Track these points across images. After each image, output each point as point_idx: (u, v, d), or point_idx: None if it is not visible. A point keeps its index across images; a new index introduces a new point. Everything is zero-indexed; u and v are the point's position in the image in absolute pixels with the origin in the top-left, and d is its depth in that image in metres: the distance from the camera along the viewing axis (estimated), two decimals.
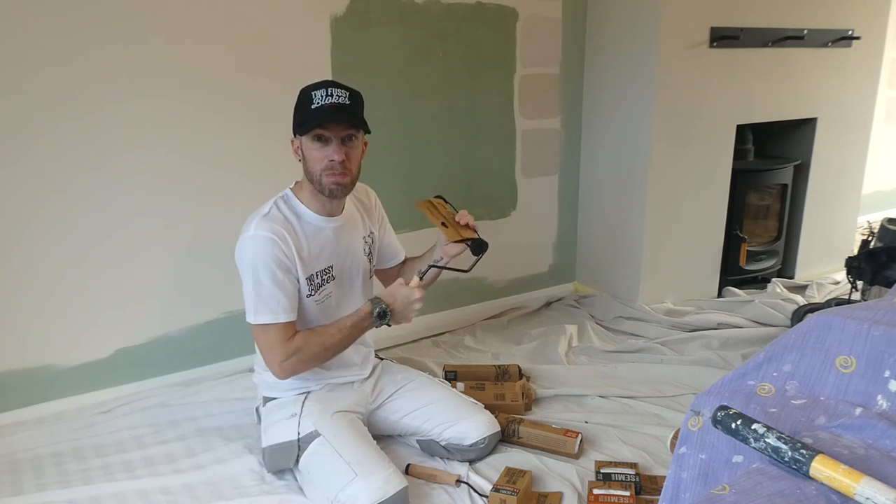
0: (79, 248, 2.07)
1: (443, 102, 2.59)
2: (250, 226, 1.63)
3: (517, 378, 2.20)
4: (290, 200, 1.70)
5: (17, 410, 2.06)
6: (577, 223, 3.10)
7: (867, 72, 3.21)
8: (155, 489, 1.73)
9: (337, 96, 1.60)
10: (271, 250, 1.60)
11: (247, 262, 1.62)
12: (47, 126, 1.96)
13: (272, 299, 1.61)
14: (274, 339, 1.63)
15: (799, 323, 1.09)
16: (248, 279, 1.63)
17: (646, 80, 2.65)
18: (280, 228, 1.62)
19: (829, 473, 0.79)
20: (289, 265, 1.63)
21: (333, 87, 1.61)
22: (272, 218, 1.64)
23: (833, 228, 3.37)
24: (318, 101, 1.59)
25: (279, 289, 1.61)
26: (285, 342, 1.63)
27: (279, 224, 1.63)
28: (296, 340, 1.64)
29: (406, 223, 2.61)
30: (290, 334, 1.64)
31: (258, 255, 1.60)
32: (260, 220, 1.62)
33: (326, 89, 1.60)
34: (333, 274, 1.75)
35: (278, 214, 1.65)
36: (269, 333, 1.63)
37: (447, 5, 2.50)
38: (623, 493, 1.63)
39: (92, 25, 1.95)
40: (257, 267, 1.60)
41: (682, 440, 0.99)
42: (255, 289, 1.61)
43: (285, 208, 1.68)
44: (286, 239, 1.62)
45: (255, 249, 1.60)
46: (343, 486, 1.56)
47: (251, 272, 1.61)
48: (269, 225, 1.62)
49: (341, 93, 1.61)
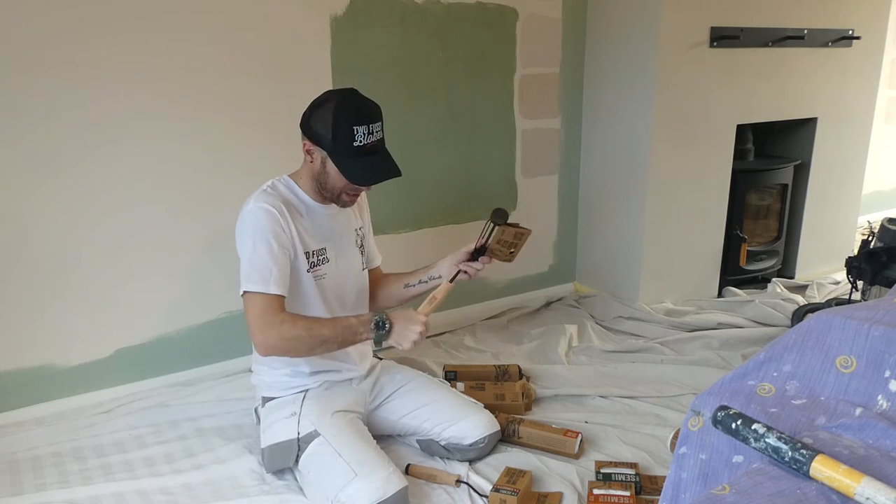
0: (79, 247, 2.07)
1: (443, 102, 2.59)
2: (251, 200, 1.66)
3: (517, 378, 2.20)
4: (288, 182, 1.73)
5: (17, 410, 2.06)
6: (577, 223, 3.10)
7: (867, 72, 3.21)
8: (155, 489, 1.73)
9: (376, 132, 1.64)
10: (270, 222, 1.62)
11: (247, 232, 1.64)
12: (47, 126, 1.96)
13: (265, 269, 1.61)
14: (261, 309, 1.60)
15: (799, 323, 1.09)
16: (245, 249, 1.63)
17: (646, 80, 2.65)
18: (279, 203, 1.65)
19: (830, 473, 0.79)
20: (285, 239, 1.65)
21: (373, 121, 1.63)
22: (272, 193, 1.67)
23: (833, 228, 3.36)
24: (361, 139, 1.61)
25: (273, 261, 1.62)
26: (272, 314, 1.60)
27: (279, 199, 1.66)
28: (283, 315, 1.61)
29: (406, 223, 2.62)
30: (277, 307, 1.61)
31: (258, 225, 1.62)
32: (259, 194, 1.66)
33: (368, 126, 1.61)
34: (328, 256, 1.76)
35: (277, 192, 1.69)
36: (258, 303, 1.60)
37: (447, 5, 2.50)
38: (623, 493, 1.63)
39: (92, 25, 1.95)
40: (256, 236, 1.62)
41: (682, 440, 0.99)
42: (251, 258, 1.62)
43: (283, 188, 1.71)
44: (284, 213, 1.65)
45: (256, 220, 1.63)
46: (343, 486, 1.56)
47: (250, 242, 1.62)
48: (268, 199, 1.65)
49: (378, 128, 1.65)
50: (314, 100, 1.67)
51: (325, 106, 1.63)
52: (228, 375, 2.29)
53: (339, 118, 1.61)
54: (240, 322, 2.31)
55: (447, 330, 2.70)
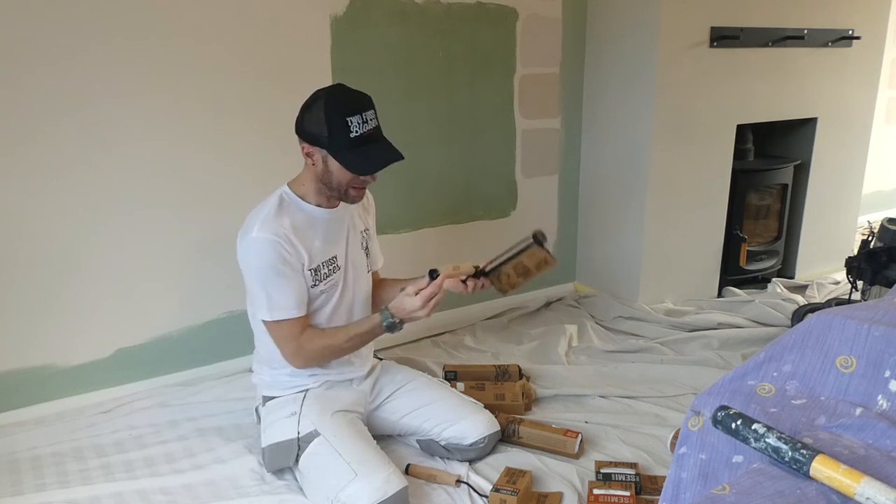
0: (79, 247, 2.07)
1: (443, 102, 2.59)
2: (252, 227, 1.63)
3: (517, 378, 2.19)
4: (291, 197, 1.70)
5: (17, 410, 2.06)
6: (577, 223, 3.10)
7: (867, 72, 3.21)
8: (155, 489, 1.73)
9: (370, 120, 1.63)
10: (276, 251, 1.62)
11: (253, 266, 1.65)
12: (47, 125, 1.96)
13: (284, 297, 1.65)
14: (287, 333, 1.69)
15: (799, 323, 1.09)
16: (255, 281, 1.66)
17: (646, 80, 2.65)
18: (282, 229, 1.63)
19: (830, 473, 0.79)
20: (293, 262, 1.65)
21: (365, 109, 1.62)
22: (273, 218, 1.64)
23: (833, 228, 3.36)
24: (357, 129, 1.60)
25: (289, 286, 1.65)
26: (298, 336, 1.69)
27: (281, 223, 1.63)
28: (308, 333, 1.70)
29: (406, 223, 2.61)
30: (302, 328, 1.70)
31: (264, 258, 1.62)
32: (262, 223, 1.63)
33: (361, 115, 1.61)
34: (338, 264, 1.77)
35: (280, 213, 1.66)
36: (284, 328, 1.68)
37: (447, 5, 2.50)
38: (623, 493, 1.63)
39: (92, 25, 1.95)
40: (265, 269, 1.63)
41: (682, 440, 0.99)
42: (267, 289, 1.64)
43: (287, 205, 1.69)
44: (289, 238, 1.63)
45: (260, 253, 1.62)
46: (343, 486, 1.56)
47: (260, 275, 1.64)
48: (270, 227, 1.62)
49: (371, 115, 1.64)
50: (304, 103, 1.66)
51: (316, 105, 1.62)
52: (228, 375, 2.29)
53: (332, 113, 1.60)
54: (240, 322, 2.31)
55: (447, 330, 2.70)
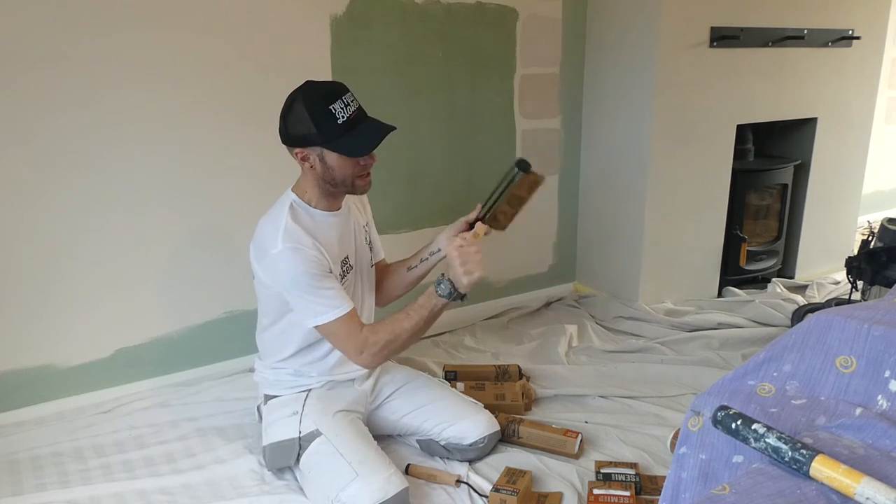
0: (79, 247, 2.07)
1: (443, 102, 2.59)
2: (276, 241, 1.60)
3: (517, 378, 2.20)
4: (300, 204, 1.69)
5: (17, 410, 2.06)
6: (577, 223, 3.10)
7: (867, 72, 3.21)
8: (155, 489, 1.74)
9: (351, 102, 1.61)
10: (305, 259, 1.60)
11: (287, 278, 1.62)
12: (46, 124, 1.96)
13: (327, 298, 1.62)
14: (344, 331, 1.64)
15: (799, 323, 1.09)
16: (293, 292, 1.63)
17: (646, 80, 2.65)
18: (305, 237, 1.62)
19: (830, 473, 0.79)
20: (324, 262, 1.64)
21: (343, 94, 1.61)
22: (294, 227, 1.63)
23: (833, 228, 3.36)
24: (342, 114, 1.59)
25: (328, 286, 1.62)
26: (357, 333, 1.65)
27: (301, 232, 1.62)
28: (365, 331, 1.65)
29: (406, 223, 2.61)
30: (357, 323, 1.66)
31: (297, 268, 1.60)
32: (285, 235, 1.61)
33: (341, 100, 1.59)
34: (351, 264, 1.77)
35: (296, 223, 1.64)
36: (340, 327, 1.64)
37: (447, 5, 2.50)
38: (623, 493, 1.63)
39: (92, 25, 1.95)
40: (299, 279, 1.60)
41: (682, 440, 0.99)
42: (307, 297, 1.62)
43: (300, 212, 1.68)
44: (311, 245, 1.62)
45: (293, 264, 1.60)
46: (344, 486, 1.57)
47: (297, 285, 1.61)
48: (293, 236, 1.61)
49: (350, 98, 1.62)
50: (281, 111, 1.64)
51: (294, 106, 1.61)
52: (228, 375, 2.29)
53: (313, 107, 1.59)
54: (240, 322, 2.32)
55: (447, 330, 2.70)
